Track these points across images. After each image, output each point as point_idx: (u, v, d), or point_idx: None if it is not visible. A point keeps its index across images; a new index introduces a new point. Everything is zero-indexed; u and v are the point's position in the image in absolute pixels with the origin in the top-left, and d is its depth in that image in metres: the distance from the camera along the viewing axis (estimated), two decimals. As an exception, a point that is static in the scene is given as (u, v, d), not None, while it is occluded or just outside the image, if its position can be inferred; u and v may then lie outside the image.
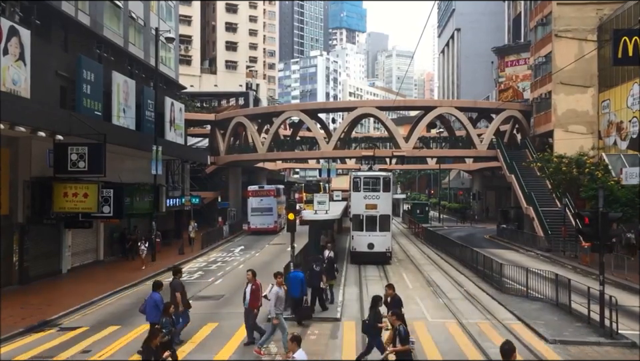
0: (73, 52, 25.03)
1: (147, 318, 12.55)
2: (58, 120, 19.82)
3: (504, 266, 20.36)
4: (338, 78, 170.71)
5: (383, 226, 27.25)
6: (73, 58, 24.51)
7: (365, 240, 27.23)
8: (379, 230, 27.22)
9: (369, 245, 27.08)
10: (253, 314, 13.31)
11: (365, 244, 27.18)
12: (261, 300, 13.38)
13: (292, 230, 16.89)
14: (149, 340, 9.20)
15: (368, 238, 27.22)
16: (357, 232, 27.48)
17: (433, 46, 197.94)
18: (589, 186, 28.50)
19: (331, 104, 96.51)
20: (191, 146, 48.26)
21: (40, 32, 22.63)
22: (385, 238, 27.27)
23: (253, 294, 13.27)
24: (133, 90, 29.58)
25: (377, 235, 27.19)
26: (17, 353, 12.71)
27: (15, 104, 17.27)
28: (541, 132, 41.01)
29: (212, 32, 79.35)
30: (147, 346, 9.20)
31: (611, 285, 20.03)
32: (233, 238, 39.83)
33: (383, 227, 27.27)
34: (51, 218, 21.19)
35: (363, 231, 27.35)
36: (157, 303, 12.33)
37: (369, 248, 27.08)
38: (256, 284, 13.40)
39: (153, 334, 9.31)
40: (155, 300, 12.43)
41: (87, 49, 26.30)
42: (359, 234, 27.43)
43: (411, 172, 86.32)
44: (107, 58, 28.32)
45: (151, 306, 12.39)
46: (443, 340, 13.33)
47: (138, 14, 32.97)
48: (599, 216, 13.63)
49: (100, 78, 25.68)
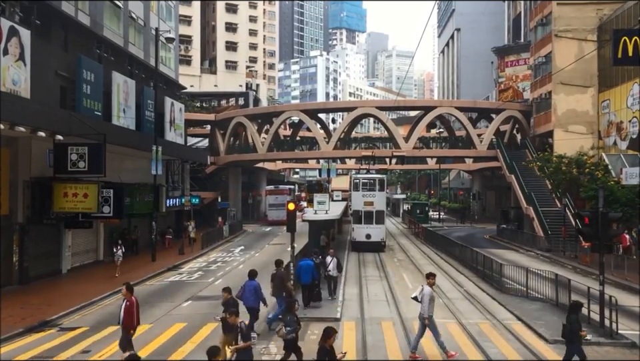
0: (73, 52, 25.02)
1: (246, 302, 13.47)
2: (58, 120, 19.81)
3: (504, 266, 20.35)
4: (338, 78, 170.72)
5: (378, 219, 32.34)
6: (73, 58, 24.51)
7: (364, 231, 32.19)
8: (375, 223, 32.25)
9: (367, 235, 32.01)
10: (126, 334, 11.30)
11: (363, 234, 32.12)
12: (136, 319, 11.42)
13: (292, 230, 16.88)
14: (324, 340, 8.68)
15: (366, 230, 32.17)
16: (357, 224, 32.58)
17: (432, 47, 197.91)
18: (589, 186, 28.50)
19: (331, 104, 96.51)
20: (191, 146, 48.28)
21: (40, 32, 22.63)
22: (380, 229, 32.38)
23: (126, 311, 11.29)
24: (133, 90, 29.58)
25: (373, 227, 32.20)
26: (17, 353, 12.70)
27: (15, 104, 17.27)
28: (541, 132, 41.02)
29: (212, 32, 79.36)
30: (322, 346, 8.70)
31: (610, 285, 20.03)
32: (232, 238, 39.84)
33: (378, 220, 32.35)
34: (51, 218, 21.19)
35: (362, 224, 32.36)
36: (257, 289, 13.48)
37: (366, 238, 31.96)
38: (131, 300, 11.44)
39: (328, 334, 8.72)
40: (254, 287, 13.49)
41: (86, 49, 26.30)
42: (358, 226, 32.49)
43: (410, 172, 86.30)
44: (107, 58, 28.32)
45: (251, 291, 13.42)
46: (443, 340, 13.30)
47: (138, 14, 32.97)
48: (599, 216, 13.62)
49: (100, 78, 25.68)
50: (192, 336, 14.00)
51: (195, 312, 16.87)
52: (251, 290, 13.44)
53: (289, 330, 10.57)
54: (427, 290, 12.47)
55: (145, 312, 16.79)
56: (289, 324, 10.71)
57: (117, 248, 24.09)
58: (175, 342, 13.53)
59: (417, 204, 60.98)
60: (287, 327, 10.60)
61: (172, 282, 22.50)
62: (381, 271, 24.98)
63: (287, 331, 10.56)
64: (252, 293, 13.43)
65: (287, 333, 10.55)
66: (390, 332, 14.26)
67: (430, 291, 12.47)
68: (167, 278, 23.33)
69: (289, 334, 10.55)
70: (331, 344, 8.69)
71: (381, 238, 32.32)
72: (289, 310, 11.13)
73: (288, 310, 11.16)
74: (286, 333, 10.58)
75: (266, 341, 13.49)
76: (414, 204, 61.26)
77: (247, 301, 13.47)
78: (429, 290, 12.48)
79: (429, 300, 12.29)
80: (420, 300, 12.41)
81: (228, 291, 12.45)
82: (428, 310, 12.25)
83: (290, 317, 10.86)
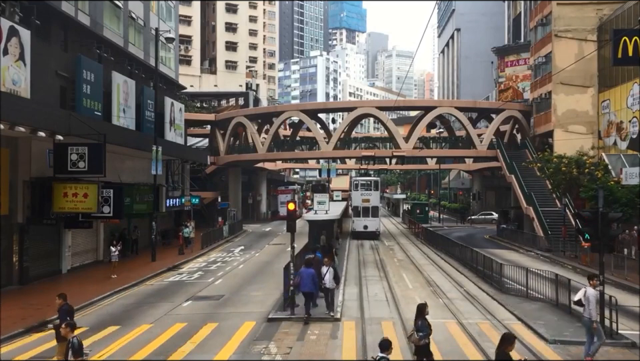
0: (73, 52, 25.01)
1: (302, 288, 15.12)
2: (58, 120, 19.80)
3: (504, 266, 20.35)
4: (338, 78, 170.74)
5: (374, 213, 40.41)
6: (73, 58, 24.50)
7: (362, 223, 40.02)
8: (371, 216, 40.21)
9: (364, 226, 39.89)
10: None
11: (362, 225, 39.97)
12: None
13: (292, 230, 16.87)
14: (505, 345, 8.36)
15: (364, 222, 39.95)
16: (356, 218, 40.37)
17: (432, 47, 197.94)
18: (589, 186, 28.48)
19: (331, 104, 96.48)
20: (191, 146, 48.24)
21: (40, 33, 22.63)
22: (375, 221, 40.37)
23: None
24: (133, 90, 29.58)
25: (370, 220, 40.02)
26: (17, 353, 12.72)
27: (14, 104, 17.27)
28: (541, 132, 41.02)
29: (212, 32, 79.35)
30: (502, 352, 8.38)
31: (610, 285, 20.04)
32: (232, 238, 39.85)
33: (374, 214, 40.41)
34: (50, 218, 21.16)
35: (360, 217, 40.14)
36: (313, 276, 15.26)
37: (364, 229, 39.78)
38: None
39: (509, 340, 8.41)
40: (311, 274, 15.25)
41: (86, 49, 26.28)
42: (358, 219, 40.25)
43: (410, 172, 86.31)
44: (106, 58, 28.31)
45: (308, 278, 15.15)
46: (443, 340, 13.32)
47: (138, 14, 32.97)
48: (599, 216, 13.62)
49: (100, 78, 25.68)
50: (192, 336, 13.99)
51: (195, 312, 16.88)
52: (308, 277, 15.17)
53: (422, 335, 10.10)
54: (591, 291, 11.90)
55: (144, 312, 16.88)
56: (421, 328, 10.19)
57: (114, 247, 23.55)
58: (175, 342, 13.52)
59: (417, 204, 61.00)
60: (420, 332, 10.12)
61: (172, 282, 22.50)
62: (380, 271, 24.99)
63: (420, 336, 10.10)
64: (309, 279, 15.13)
65: (420, 338, 10.09)
66: (390, 332, 14.25)
67: (595, 293, 11.97)
68: (166, 278, 23.34)
69: (422, 340, 10.10)
70: (510, 350, 8.38)
71: (376, 228, 40.25)
72: (420, 314, 10.51)
73: (419, 314, 10.53)
74: (419, 338, 10.12)
75: (266, 341, 13.50)
76: (414, 204, 61.28)
77: (305, 286, 15.08)
78: (593, 291, 11.92)
79: (595, 302, 11.85)
80: (583, 302, 11.93)
81: (63, 298, 11.60)
82: (594, 313, 11.74)
83: (422, 321, 10.33)
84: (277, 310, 16.42)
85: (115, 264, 23.24)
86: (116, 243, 24.38)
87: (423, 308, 10.61)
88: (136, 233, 30.19)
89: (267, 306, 17.22)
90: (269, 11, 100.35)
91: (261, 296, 19.07)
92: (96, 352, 12.75)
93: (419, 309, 10.65)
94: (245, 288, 20.83)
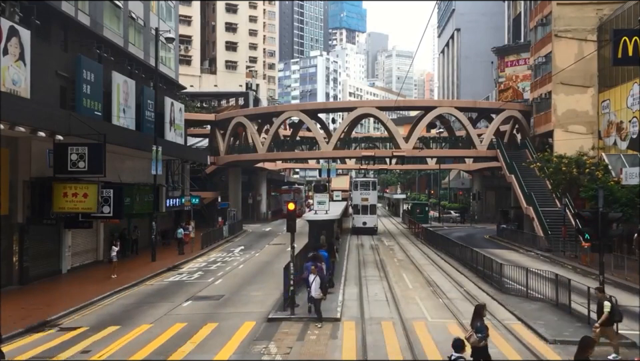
0: (73, 52, 25.01)
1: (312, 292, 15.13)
2: (58, 120, 19.79)
3: (504, 266, 20.34)
4: (338, 78, 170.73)
5: (371, 211, 44.15)
6: (73, 58, 24.50)
7: (361, 219, 43.62)
8: (369, 213, 43.91)
9: (363, 223, 43.51)
10: None
11: (361, 222, 43.55)
12: None
13: (292, 230, 16.86)
14: (586, 350, 8.10)
15: (363, 218, 43.60)
16: (356, 215, 44.13)
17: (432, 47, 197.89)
18: (589, 186, 28.47)
19: (331, 104, 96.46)
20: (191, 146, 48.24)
21: (40, 33, 22.61)
22: (373, 218, 44.09)
23: None
24: (133, 90, 29.57)
25: (368, 217, 43.76)
26: (17, 353, 12.70)
27: (14, 104, 17.26)
28: (541, 132, 41.01)
29: (212, 32, 79.33)
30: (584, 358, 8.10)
31: (611, 285, 20.03)
32: (232, 238, 39.85)
33: (372, 212, 44.14)
34: (50, 218, 21.15)
35: (360, 214, 43.83)
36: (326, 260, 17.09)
37: (363, 225, 43.37)
38: None
39: (589, 345, 8.19)
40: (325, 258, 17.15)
41: (86, 49, 26.27)
42: (357, 216, 43.96)
43: (411, 173, 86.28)
44: (106, 58, 28.30)
45: None
46: (443, 340, 13.31)
47: (138, 14, 32.96)
48: (599, 216, 13.62)
49: (100, 78, 25.67)
50: (192, 336, 13.99)
51: (195, 312, 16.88)
52: None
53: (481, 336, 9.81)
54: None
55: (144, 312, 16.89)
56: (479, 330, 9.88)
57: (114, 247, 23.34)
58: (175, 342, 13.52)
59: (417, 204, 60.99)
60: (478, 333, 9.82)
61: (172, 282, 22.50)
62: (380, 271, 24.99)
63: (480, 337, 9.81)
64: None
65: (480, 339, 9.80)
66: (390, 332, 14.26)
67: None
68: (166, 278, 23.33)
69: (482, 341, 9.81)
70: (591, 353, 8.16)
71: (374, 225, 43.97)
72: (478, 315, 10.19)
73: (477, 315, 10.21)
74: (479, 340, 9.81)
75: (266, 341, 13.51)
76: (414, 204, 61.27)
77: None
78: None
79: None
80: None
81: None
82: None
83: (480, 322, 10.02)
84: (277, 310, 16.42)
85: (115, 264, 23.22)
86: (114, 243, 24.30)
87: (480, 309, 10.27)
88: (136, 233, 30.18)
89: (267, 306, 17.22)
90: (268, 11, 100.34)
91: (261, 296, 19.07)
92: (96, 351, 12.75)
93: (477, 310, 10.31)
94: (244, 288, 20.83)
